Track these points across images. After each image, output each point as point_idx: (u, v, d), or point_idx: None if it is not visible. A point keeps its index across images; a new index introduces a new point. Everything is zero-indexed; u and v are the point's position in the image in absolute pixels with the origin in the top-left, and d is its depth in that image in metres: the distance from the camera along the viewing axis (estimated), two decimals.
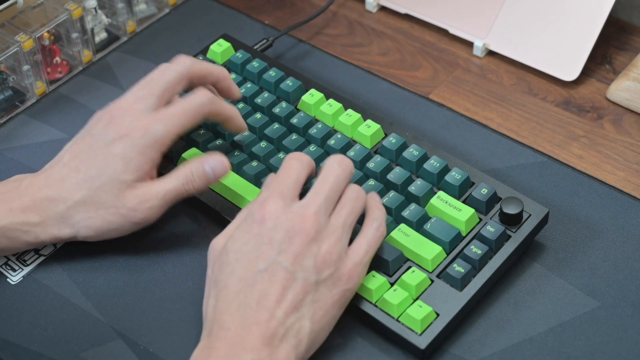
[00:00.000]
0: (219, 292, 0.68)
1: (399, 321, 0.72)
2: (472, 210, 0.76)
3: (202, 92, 0.78)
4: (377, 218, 0.73)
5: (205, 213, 0.82)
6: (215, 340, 0.66)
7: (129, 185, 0.75)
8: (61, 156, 0.78)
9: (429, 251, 0.74)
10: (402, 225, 0.76)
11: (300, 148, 0.82)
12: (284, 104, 0.86)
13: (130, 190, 0.75)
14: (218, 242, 0.71)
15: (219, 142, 0.83)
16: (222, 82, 0.81)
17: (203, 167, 0.76)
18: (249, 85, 0.88)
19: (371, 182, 0.79)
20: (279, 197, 0.70)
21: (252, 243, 0.69)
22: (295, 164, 0.73)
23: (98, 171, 0.75)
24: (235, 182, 0.81)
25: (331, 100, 0.86)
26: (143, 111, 0.76)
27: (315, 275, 0.68)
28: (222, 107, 0.79)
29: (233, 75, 0.89)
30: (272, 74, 0.89)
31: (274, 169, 0.81)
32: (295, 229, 0.68)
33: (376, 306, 0.73)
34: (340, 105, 0.85)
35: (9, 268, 0.79)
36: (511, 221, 0.76)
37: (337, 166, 0.73)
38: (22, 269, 0.79)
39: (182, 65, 0.78)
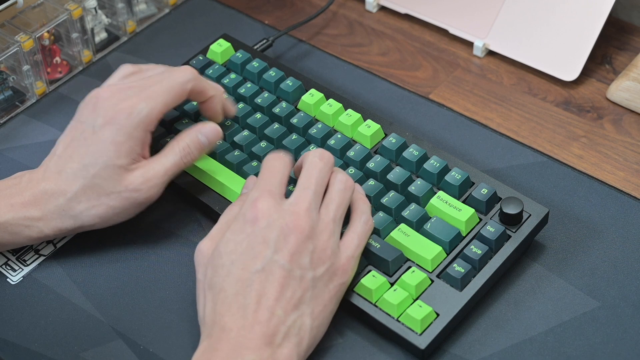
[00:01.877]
0: (216, 295, 0.68)
1: (399, 321, 0.72)
2: (472, 210, 0.76)
3: (186, 69, 0.78)
4: (364, 212, 0.74)
5: (205, 213, 0.82)
6: (217, 341, 0.66)
7: (126, 169, 0.75)
8: (55, 149, 0.78)
9: (429, 251, 0.74)
10: (402, 225, 0.76)
11: (300, 148, 0.82)
12: (284, 104, 0.86)
13: (129, 173, 0.75)
14: (205, 245, 0.71)
15: (218, 142, 0.83)
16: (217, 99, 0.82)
17: (197, 137, 0.78)
18: (249, 85, 0.88)
19: (371, 182, 0.79)
20: (269, 195, 0.70)
21: (246, 243, 0.69)
22: (277, 164, 0.73)
23: (92, 158, 0.75)
24: (235, 182, 0.81)
25: (331, 100, 0.86)
26: (130, 95, 0.76)
27: (312, 272, 0.69)
28: (206, 85, 0.79)
29: (233, 75, 0.89)
30: (272, 74, 0.89)
31: None
32: (290, 227, 0.69)
33: (376, 306, 0.73)
34: (340, 105, 0.85)
35: (9, 268, 0.79)
36: (511, 221, 0.76)
37: (318, 160, 0.73)
38: (22, 269, 0.79)
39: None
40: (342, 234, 0.73)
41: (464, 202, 0.78)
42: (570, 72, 0.92)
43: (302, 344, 0.68)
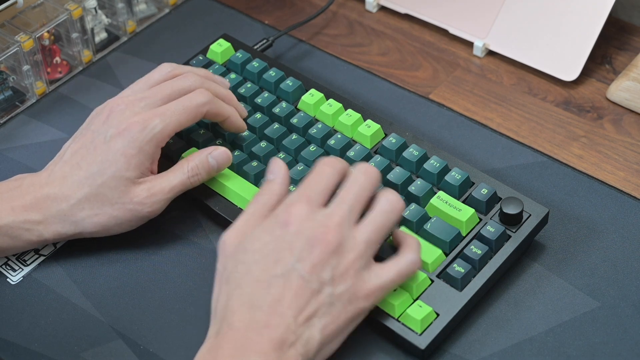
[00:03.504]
0: (232, 291, 0.68)
1: (399, 321, 0.72)
2: (472, 210, 0.76)
3: (202, 92, 0.79)
4: (415, 250, 0.71)
5: (205, 213, 0.82)
6: (223, 340, 0.66)
7: (133, 181, 0.75)
8: (62, 154, 0.78)
9: (429, 253, 0.74)
10: (402, 226, 0.76)
11: (300, 148, 0.82)
12: (284, 104, 0.86)
13: (135, 185, 0.75)
14: (230, 236, 0.70)
15: (218, 142, 0.83)
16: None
17: (207, 158, 0.78)
18: (249, 85, 0.88)
19: None
20: (306, 202, 0.69)
21: (272, 245, 0.68)
22: (327, 170, 0.71)
23: (100, 168, 0.75)
24: (235, 182, 0.81)
25: (331, 100, 0.86)
26: (143, 107, 0.77)
27: (331, 288, 0.67)
28: (221, 108, 0.80)
29: (233, 75, 0.89)
30: (272, 74, 0.89)
31: None
32: (317, 238, 0.67)
33: (376, 306, 0.73)
34: (340, 105, 0.85)
35: (9, 268, 0.79)
36: (511, 221, 0.76)
37: (361, 175, 0.71)
38: (22, 269, 0.79)
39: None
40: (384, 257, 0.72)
41: (464, 202, 0.78)
42: (570, 72, 0.92)
43: (308, 357, 0.67)
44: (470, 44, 0.97)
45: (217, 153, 0.78)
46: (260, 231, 0.69)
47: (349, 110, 0.85)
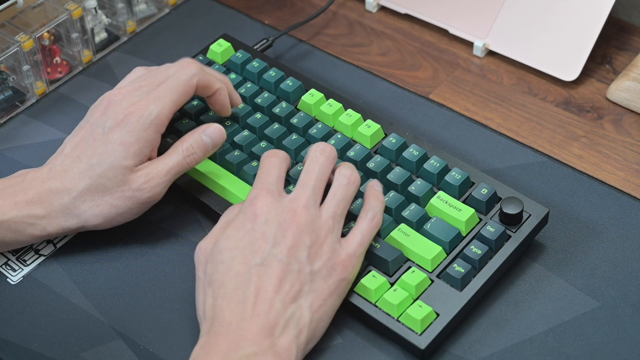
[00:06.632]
0: (217, 290, 0.68)
1: (399, 321, 0.72)
2: (472, 210, 0.76)
3: (190, 64, 0.79)
4: (372, 208, 0.74)
5: (205, 213, 0.82)
6: (216, 335, 0.67)
7: (131, 169, 0.76)
8: (62, 148, 0.78)
9: (429, 251, 0.74)
10: (402, 225, 0.76)
11: (300, 148, 0.82)
12: (284, 104, 0.86)
13: (133, 173, 0.76)
14: (206, 244, 0.72)
15: (223, 143, 0.83)
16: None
17: (201, 137, 0.78)
18: (249, 85, 0.88)
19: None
20: (267, 193, 0.72)
21: (246, 239, 0.70)
22: (273, 161, 0.74)
23: (98, 159, 0.75)
24: (234, 183, 0.81)
25: (331, 100, 0.86)
26: (139, 96, 0.77)
27: (309, 266, 0.70)
28: (211, 79, 0.80)
29: (233, 75, 0.89)
30: (272, 74, 0.89)
31: None
32: (287, 222, 0.70)
33: (376, 306, 0.73)
34: (340, 105, 0.86)
35: (9, 268, 0.79)
36: (511, 221, 0.76)
37: (320, 155, 0.74)
38: (22, 269, 0.79)
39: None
40: (349, 229, 0.74)
41: (464, 202, 0.78)
42: (570, 72, 0.92)
43: (301, 336, 0.68)
44: (470, 44, 0.97)
45: (211, 130, 0.78)
46: (231, 230, 0.71)
47: (349, 110, 0.85)
